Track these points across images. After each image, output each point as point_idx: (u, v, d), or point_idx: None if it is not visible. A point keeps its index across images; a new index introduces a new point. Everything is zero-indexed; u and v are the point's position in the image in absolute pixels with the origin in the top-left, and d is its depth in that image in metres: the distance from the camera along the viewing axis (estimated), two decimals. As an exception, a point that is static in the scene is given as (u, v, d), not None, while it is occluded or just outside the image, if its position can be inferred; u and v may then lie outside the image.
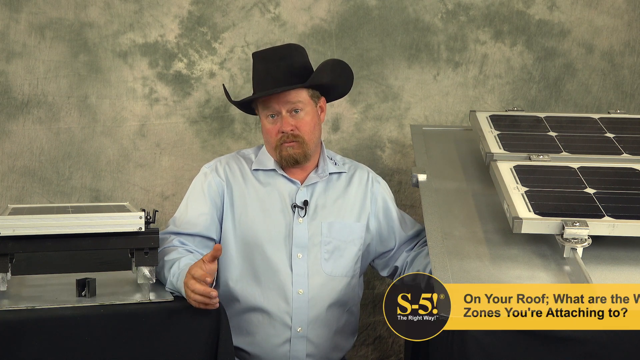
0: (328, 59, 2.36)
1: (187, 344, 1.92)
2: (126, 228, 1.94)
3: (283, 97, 2.22)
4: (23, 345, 1.80)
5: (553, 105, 3.17)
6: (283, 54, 2.27)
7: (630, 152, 2.34)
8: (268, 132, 2.27)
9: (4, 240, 1.88)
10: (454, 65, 3.12)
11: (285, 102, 2.22)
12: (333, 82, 2.30)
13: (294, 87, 2.22)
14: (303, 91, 2.25)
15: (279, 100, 2.22)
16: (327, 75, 2.28)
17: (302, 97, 2.24)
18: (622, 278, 1.83)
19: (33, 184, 2.92)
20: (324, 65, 2.30)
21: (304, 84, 2.23)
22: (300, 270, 2.23)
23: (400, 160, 3.12)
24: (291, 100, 2.22)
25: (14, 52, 2.87)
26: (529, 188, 2.05)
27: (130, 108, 2.95)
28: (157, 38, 2.95)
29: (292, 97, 2.23)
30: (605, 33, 3.17)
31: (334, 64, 2.31)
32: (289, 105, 2.23)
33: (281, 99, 2.22)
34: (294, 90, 2.23)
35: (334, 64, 2.31)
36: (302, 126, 2.24)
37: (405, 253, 2.36)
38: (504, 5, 3.12)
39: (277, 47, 2.33)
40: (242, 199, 2.28)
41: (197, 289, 1.90)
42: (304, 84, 2.23)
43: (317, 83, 2.26)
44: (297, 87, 2.22)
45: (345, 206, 2.32)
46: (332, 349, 2.29)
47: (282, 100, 2.22)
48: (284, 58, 2.25)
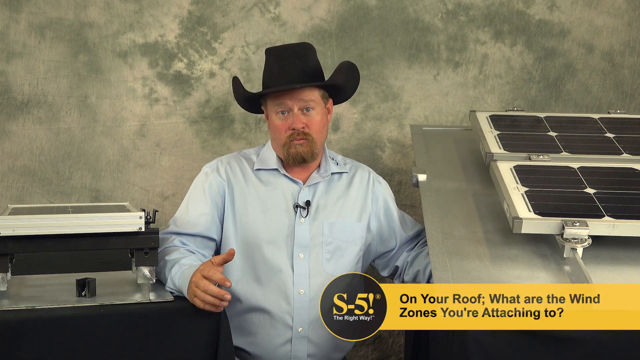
0: (344, 61, 2.38)
1: (187, 344, 1.92)
2: (126, 228, 1.94)
3: (297, 95, 2.23)
4: (23, 345, 1.80)
5: (553, 105, 3.17)
6: (298, 53, 2.28)
7: (630, 152, 2.34)
8: (277, 129, 2.28)
9: (4, 240, 1.88)
10: (454, 65, 3.12)
11: (299, 100, 2.24)
12: (345, 84, 2.33)
13: (313, 84, 2.24)
14: (316, 91, 2.26)
15: (293, 97, 2.23)
16: (342, 76, 2.31)
17: (314, 97, 2.26)
18: (622, 278, 1.83)
19: (33, 184, 2.92)
20: (341, 66, 2.33)
21: (322, 82, 2.26)
22: (302, 270, 2.23)
23: (400, 160, 3.12)
24: (304, 98, 2.24)
25: (14, 52, 2.87)
26: (529, 188, 2.05)
27: (130, 108, 2.95)
28: (157, 38, 2.95)
29: (305, 96, 2.24)
30: (605, 33, 3.17)
31: (349, 66, 2.34)
32: (302, 103, 2.24)
33: (295, 96, 2.23)
34: (308, 89, 2.24)
35: (348, 66, 2.34)
36: (312, 125, 2.25)
37: (406, 253, 2.36)
38: (504, 5, 3.12)
39: (292, 45, 2.35)
40: (243, 199, 2.28)
41: (212, 290, 1.90)
42: (323, 82, 2.26)
43: (334, 83, 2.28)
44: (315, 84, 2.25)
45: (347, 206, 2.32)
46: (333, 349, 2.29)
47: (295, 98, 2.23)
48: (299, 56, 2.27)
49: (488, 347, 1.63)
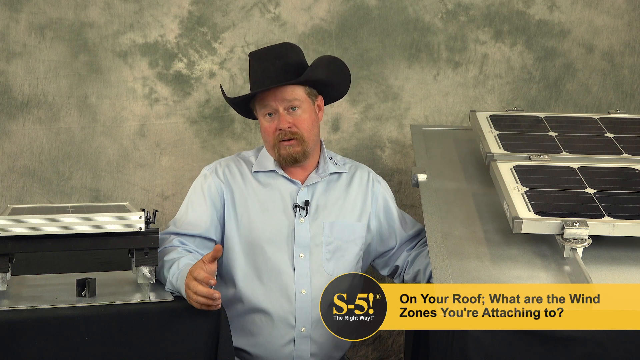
0: (322, 55, 2.35)
1: (187, 344, 1.92)
2: (126, 228, 1.94)
3: (279, 94, 2.22)
4: (23, 345, 1.80)
5: (553, 105, 3.17)
6: (278, 53, 2.27)
7: (630, 152, 2.34)
8: (266, 131, 2.28)
9: (4, 240, 1.88)
10: (454, 65, 3.12)
11: (282, 100, 2.22)
12: (329, 79, 2.29)
13: (289, 82, 2.21)
14: (299, 88, 2.25)
15: (276, 97, 2.22)
16: (322, 71, 2.28)
17: (298, 95, 2.24)
18: (622, 278, 1.83)
19: (33, 184, 2.92)
20: (318, 61, 2.30)
21: (298, 79, 2.23)
22: (303, 270, 2.23)
23: (400, 160, 3.12)
24: (287, 97, 2.23)
25: (14, 52, 2.87)
26: (529, 188, 2.05)
27: (130, 108, 2.95)
28: (157, 38, 2.95)
29: (288, 95, 2.23)
30: (605, 33, 3.17)
31: (330, 60, 2.31)
32: (286, 103, 2.23)
33: (277, 96, 2.22)
34: (289, 88, 2.23)
35: (329, 60, 2.31)
36: (300, 123, 2.24)
37: (406, 252, 2.36)
38: (504, 5, 3.12)
39: (273, 46, 2.33)
40: (243, 200, 2.28)
41: (200, 290, 1.90)
42: (299, 79, 2.23)
43: (311, 79, 2.25)
44: (292, 82, 2.22)
45: (347, 206, 2.32)
46: (333, 347, 2.29)
47: (278, 98, 2.22)
48: (280, 56, 2.26)
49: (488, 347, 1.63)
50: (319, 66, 2.28)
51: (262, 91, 2.23)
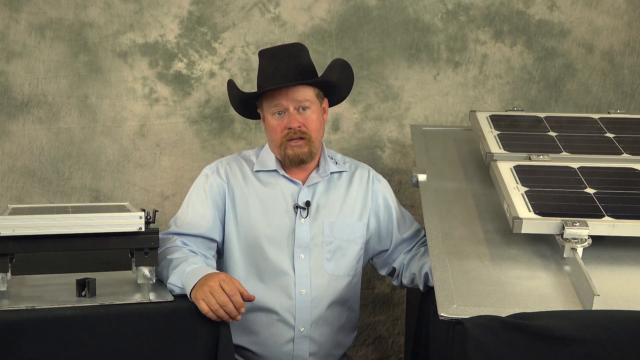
0: (336, 58, 2.37)
1: (187, 344, 1.92)
2: (126, 228, 1.93)
3: (292, 94, 2.23)
4: (23, 345, 1.80)
5: (553, 105, 3.17)
6: (291, 52, 2.28)
7: (630, 152, 2.34)
8: (273, 129, 2.28)
9: (4, 240, 1.87)
10: (454, 65, 3.12)
11: (293, 99, 2.23)
12: (339, 82, 2.33)
13: (304, 82, 2.23)
14: (310, 89, 2.26)
15: (288, 96, 2.23)
16: (336, 73, 2.30)
17: (309, 96, 2.26)
18: (622, 278, 1.83)
19: (33, 184, 2.92)
20: (334, 63, 2.32)
21: (315, 79, 2.26)
22: (303, 270, 2.23)
23: (400, 160, 3.12)
24: (299, 97, 2.24)
25: (14, 52, 2.87)
26: (529, 188, 2.05)
27: (130, 108, 2.95)
28: (157, 38, 2.95)
29: (300, 95, 2.24)
30: (605, 33, 3.17)
31: (342, 64, 2.34)
32: (297, 103, 2.24)
33: (289, 95, 2.23)
34: (302, 88, 2.24)
35: (342, 64, 2.34)
36: (309, 124, 2.25)
37: (403, 255, 2.36)
38: (504, 5, 3.12)
39: (285, 46, 2.34)
40: (244, 200, 2.28)
41: (237, 301, 1.90)
42: (316, 79, 2.26)
43: (327, 79, 2.27)
44: (307, 82, 2.24)
45: (347, 205, 2.32)
46: (333, 346, 2.30)
47: (290, 97, 2.23)
48: (293, 56, 2.27)
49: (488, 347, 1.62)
50: (333, 68, 2.30)
51: (274, 89, 2.23)
